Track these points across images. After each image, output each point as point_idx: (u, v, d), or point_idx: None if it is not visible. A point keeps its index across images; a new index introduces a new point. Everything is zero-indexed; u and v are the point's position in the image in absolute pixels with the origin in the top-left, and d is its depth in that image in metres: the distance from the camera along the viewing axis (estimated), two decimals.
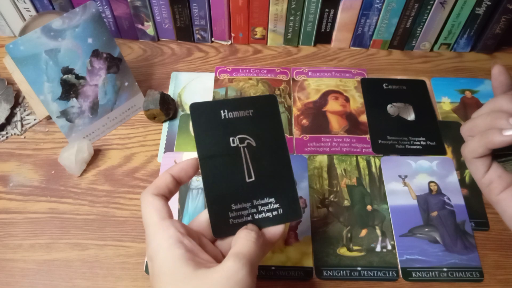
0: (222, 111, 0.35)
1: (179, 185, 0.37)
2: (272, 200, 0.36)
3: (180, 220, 0.52)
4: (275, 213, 0.36)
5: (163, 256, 0.31)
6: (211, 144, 0.35)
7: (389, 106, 0.62)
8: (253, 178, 0.35)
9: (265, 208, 0.36)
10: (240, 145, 0.35)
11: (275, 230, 0.36)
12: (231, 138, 0.35)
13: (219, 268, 0.31)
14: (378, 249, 0.50)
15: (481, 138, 0.35)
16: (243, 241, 0.33)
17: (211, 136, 0.35)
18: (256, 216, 0.36)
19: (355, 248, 0.51)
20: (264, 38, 0.69)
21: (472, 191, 0.55)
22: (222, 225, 0.35)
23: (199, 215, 0.37)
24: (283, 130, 0.37)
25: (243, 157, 0.35)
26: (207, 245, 0.35)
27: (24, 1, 0.64)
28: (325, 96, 0.64)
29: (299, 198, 0.38)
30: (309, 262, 0.49)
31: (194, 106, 0.36)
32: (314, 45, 0.70)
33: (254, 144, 0.35)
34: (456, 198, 0.54)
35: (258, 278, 0.48)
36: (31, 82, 0.51)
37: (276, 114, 0.36)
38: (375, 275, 0.49)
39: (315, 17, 0.65)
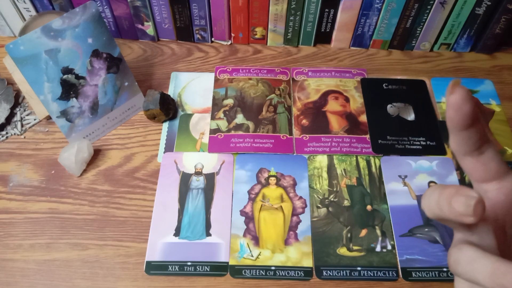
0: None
1: None
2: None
3: (180, 220, 0.52)
4: None
5: None
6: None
7: (389, 106, 0.62)
8: None
9: None
10: None
11: None
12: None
13: None
14: (378, 249, 0.50)
15: None
16: None
17: None
18: None
19: (355, 248, 0.51)
20: (264, 38, 0.69)
21: None
22: None
23: None
24: None
25: None
26: None
27: (24, 1, 0.64)
28: (325, 96, 0.64)
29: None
30: (309, 262, 0.49)
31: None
32: (314, 45, 0.70)
33: None
34: None
35: (258, 278, 0.48)
36: (31, 82, 0.51)
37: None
38: (375, 275, 0.49)
39: (315, 17, 0.65)
